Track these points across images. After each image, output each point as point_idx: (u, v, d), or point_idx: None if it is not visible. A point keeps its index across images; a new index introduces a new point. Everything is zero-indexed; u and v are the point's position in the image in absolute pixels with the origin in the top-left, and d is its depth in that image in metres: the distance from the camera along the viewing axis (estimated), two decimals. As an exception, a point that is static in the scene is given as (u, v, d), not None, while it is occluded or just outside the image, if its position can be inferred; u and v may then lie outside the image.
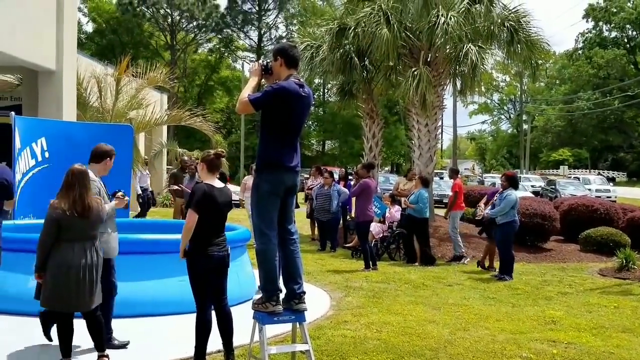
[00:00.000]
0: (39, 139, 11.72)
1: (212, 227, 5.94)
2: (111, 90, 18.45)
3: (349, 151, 55.20)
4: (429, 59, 17.44)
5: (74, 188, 5.75)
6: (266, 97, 5.19)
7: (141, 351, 6.44)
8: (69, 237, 5.68)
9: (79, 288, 5.68)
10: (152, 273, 8.01)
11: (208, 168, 6.09)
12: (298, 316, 5.37)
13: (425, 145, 17.66)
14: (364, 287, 10.36)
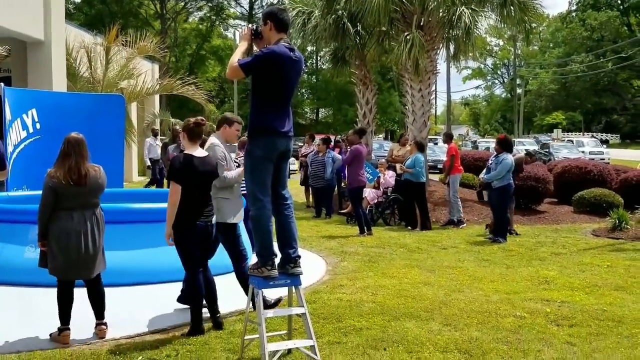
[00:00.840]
0: (30, 110, 11.66)
1: (195, 197, 5.95)
2: (101, 60, 18.33)
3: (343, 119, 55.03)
4: (422, 23, 17.33)
5: (70, 157, 5.75)
6: (256, 61, 5.15)
7: (138, 319, 6.48)
8: (67, 206, 5.70)
9: (80, 256, 5.73)
10: (145, 241, 8.02)
11: (189, 137, 6.09)
12: (294, 280, 5.40)
13: (419, 111, 17.62)
14: (360, 252, 10.42)
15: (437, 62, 18.63)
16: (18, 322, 6.31)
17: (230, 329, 6.16)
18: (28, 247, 8.03)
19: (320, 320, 6.41)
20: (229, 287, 7.80)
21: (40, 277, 7.61)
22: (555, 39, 79.24)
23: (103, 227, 5.97)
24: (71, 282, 5.88)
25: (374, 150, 23.53)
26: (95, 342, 5.81)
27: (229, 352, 5.52)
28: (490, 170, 12.17)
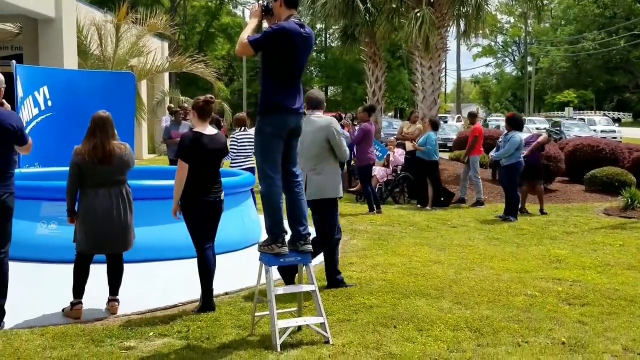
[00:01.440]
0: (41, 87, 11.68)
1: (204, 174, 5.97)
2: (111, 38, 18.30)
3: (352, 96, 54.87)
4: (432, 0, 17.17)
5: (96, 135, 5.81)
6: (265, 37, 5.12)
7: (150, 296, 6.52)
8: (93, 183, 5.79)
9: (106, 232, 5.80)
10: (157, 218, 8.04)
11: (198, 115, 6.11)
12: (304, 257, 5.41)
13: (428, 88, 17.52)
14: (369, 230, 10.43)
15: (447, 40, 18.47)
16: (30, 298, 6.36)
17: (241, 305, 6.19)
18: (40, 223, 8.09)
19: (330, 298, 6.43)
20: (239, 264, 7.85)
21: (52, 253, 7.74)
22: (566, 16, 78.39)
23: (131, 205, 6.02)
24: (90, 257, 5.94)
25: (383, 128, 23.46)
26: (107, 317, 5.86)
27: (240, 329, 5.55)
28: (500, 149, 12.13)
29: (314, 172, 6.65)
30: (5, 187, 5.50)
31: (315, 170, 6.66)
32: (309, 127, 6.50)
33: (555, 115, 56.61)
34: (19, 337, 5.21)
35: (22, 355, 4.84)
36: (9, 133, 5.48)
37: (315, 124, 6.65)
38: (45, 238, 7.99)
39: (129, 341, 5.20)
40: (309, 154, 6.64)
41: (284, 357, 4.89)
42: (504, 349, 5.13)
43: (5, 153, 5.54)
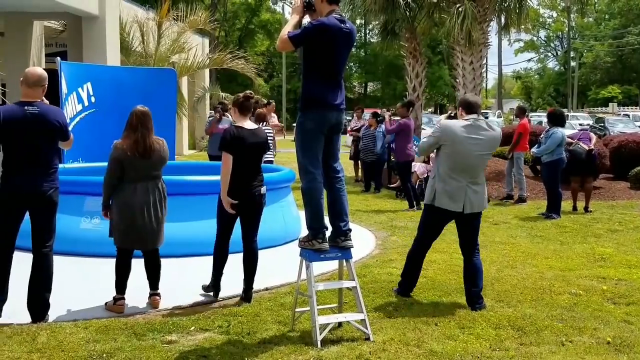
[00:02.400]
0: (85, 84, 11.85)
1: (244, 168, 6.05)
2: (153, 35, 18.49)
3: (392, 92, 54.62)
4: (474, -5, 16.97)
5: (137, 129, 5.87)
6: (305, 33, 5.12)
7: (191, 290, 6.55)
8: (131, 178, 5.85)
9: (142, 227, 5.87)
10: (198, 213, 8.09)
11: (239, 110, 6.24)
12: (344, 253, 5.39)
13: (470, 84, 17.33)
14: (409, 227, 10.35)
15: (489, 34, 18.24)
16: (74, 291, 6.44)
17: (281, 301, 6.20)
18: (83, 218, 8.21)
19: (370, 294, 6.40)
20: (280, 259, 7.86)
21: (95, 247, 7.84)
22: (611, 10, 76.80)
23: (166, 200, 6.09)
24: (130, 252, 6.01)
25: (424, 124, 23.28)
26: (149, 311, 5.92)
27: (280, 324, 5.56)
28: (541, 145, 11.94)
29: (473, 182, 6.18)
30: (50, 182, 5.59)
31: (476, 181, 6.22)
32: (480, 134, 6.14)
33: (599, 111, 55.55)
34: (63, 330, 5.29)
35: (66, 348, 4.91)
36: (54, 129, 5.58)
37: (488, 134, 6.20)
38: (88, 232, 8.10)
39: (171, 335, 5.25)
40: (482, 164, 6.29)
41: (325, 353, 4.87)
42: (548, 348, 5.05)
43: (50, 149, 5.63)
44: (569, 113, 43.11)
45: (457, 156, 6.06)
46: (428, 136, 6.49)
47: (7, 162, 5.51)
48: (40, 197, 5.53)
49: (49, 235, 5.65)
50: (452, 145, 6.07)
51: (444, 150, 6.14)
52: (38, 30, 14.62)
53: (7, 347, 4.89)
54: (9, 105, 5.67)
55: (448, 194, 6.11)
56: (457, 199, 6.10)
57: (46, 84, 5.69)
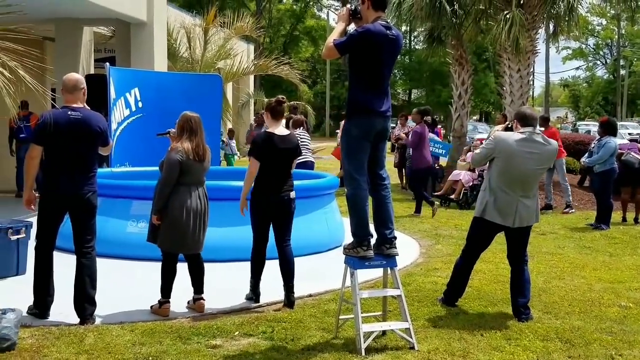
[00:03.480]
0: (133, 89, 12.03)
1: (273, 172, 6.10)
2: (200, 41, 18.68)
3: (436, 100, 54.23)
4: (522, 2, 16.78)
5: (197, 133, 5.95)
6: (351, 40, 5.12)
7: (235, 295, 6.57)
8: (186, 181, 5.90)
9: (195, 231, 5.92)
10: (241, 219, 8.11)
11: (271, 115, 6.26)
12: (389, 261, 5.35)
13: (517, 92, 17.12)
14: (454, 235, 10.24)
15: (537, 42, 17.99)
16: (120, 294, 6.52)
17: (325, 308, 6.17)
18: (130, 221, 8.31)
19: (415, 303, 6.33)
20: (324, 265, 7.84)
21: (141, 251, 7.90)
22: (663, 17, 75.12)
23: (208, 204, 6.13)
24: (176, 256, 6.05)
25: (469, 131, 23.07)
26: (193, 315, 5.95)
27: (324, 331, 5.53)
28: (592, 154, 11.69)
29: (524, 196, 6.04)
30: (90, 185, 5.70)
31: (528, 195, 6.08)
32: (536, 148, 6.00)
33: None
34: (109, 332, 5.35)
35: (113, 350, 4.97)
36: (95, 134, 5.70)
37: (544, 148, 6.04)
38: (135, 236, 8.18)
39: (215, 340, 5.27)
40: (536, 178, 6.14)
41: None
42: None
43: (91, 153, 5.75)
44: (619, 122, 42.22)
45: (511, 170, 5.95)
46: (481, 147, 6.38)
47: (50, 165, 5.63)
48: (80, 200, 5.64)
49: (90, 237, 5.75)
50: (506, 158, 5.95)
51: (497, 163, 6.02)
52: (87, 36, 14.85)
53: (55, 348, 4.96)
54: (54, 110, 5.79)
55: (498, 207, 6.01)
56: (507, 213, 5.99)
57: (85, 88, 5.80)
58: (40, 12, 12.03)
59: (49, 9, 12.43)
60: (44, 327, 5.46)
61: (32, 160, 5.60)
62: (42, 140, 5.57)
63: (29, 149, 5.66)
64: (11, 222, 7.50)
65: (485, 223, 6.12)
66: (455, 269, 6.46)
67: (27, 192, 5.71)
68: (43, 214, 5.69)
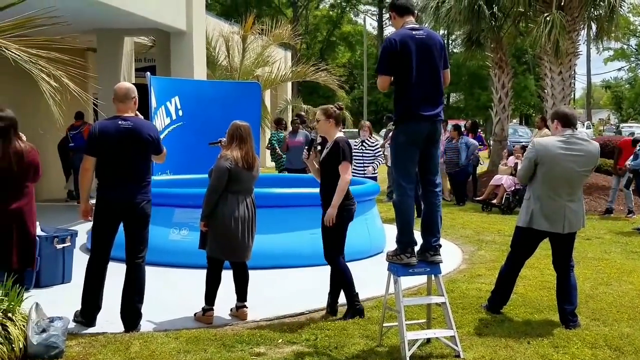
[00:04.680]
0: (173, 97, 12.13)
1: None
2: (238, 49, 18.78)
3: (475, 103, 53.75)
4: (562, 3, 16.52)
5: (247, 141, 5.99)
6: (380, 60, 5.20)
7: (278, 303, 6.58)
8: (234, 189, 5.92)
9: (243, 238, 5.93)
10: (285, 226, 8.14)
11: (336, 123, 6.14)
12: (433, 268, 5.30)
13: (558, 95, 16.87)
14: (497, 241, 10.11)
15: (578, 44, 17.70)
16: (163, 301, 6.55)
17: (368, 315, 6.13)
18: (172, 229, 8.37)
19: (459, 310, 6.25)
20: (365, 272, 7.80)
21: (183, 258, 7.98)
22: None
23: (256, 212, 6.14)
24: (222, 263, 6.06)
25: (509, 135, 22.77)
26: (237, 323, 5.96)
27: (367, 339, 5.49)
28: (638, 157, 11.45)
29: (571, 201, 5.92)
30: (143, 194, 5.72)
31: (574, 199, 5.95)
32: (578, 150, 5.87)
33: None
34: (154, 339, 5.39)
35: (159, 357, 5.00)
36: (147, 143, 5.72)
37: (586, 149, 5.91)
38: (177, 243, 8.26)
39: (259, 347, 5.27)
40: (581, 181, 6.01)
41: (414, 370, 4.78)
42: (650, 372, 4.80)
43: (143, 162, 5.78)
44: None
45: (555, 175, 5.82)
46: (523, 159, 6.27)
47: (103, 175, 5.68)
48: (134, 209, 5.66)
49: (142, 247, 5.78)
50: (549, 164, 5.83)
51: (541, 170, 5.88)
52: (128, 46, 15.07)
53: (101, 356, 5.01)
54: (103, 121, 5.84)
55: (545, 215, 5.89)
56: (556, 219, 5.87)
57: (136, 97, 5.83)
58: (83, 23, 12.24)
59: (91, 20, 12.64)
60: (90, 335, 5.52)
61: (86, 171, 5.68)
62: (93, 151, 5.64)
63: (83, 160, 5.73)
64: (57, 230, 7.61)
65: (532, 231, 6.01)
66: (500, 275, 6.37)
67: (84, 204, 5.79)
68: (98, 224, 5.75)
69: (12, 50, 4.69)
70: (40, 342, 4.88)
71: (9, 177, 5.54)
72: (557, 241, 6.06)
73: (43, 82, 4.76)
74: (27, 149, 5.69)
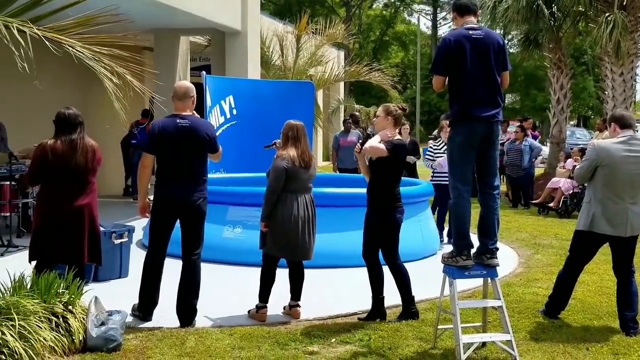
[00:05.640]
0: (228, 96, 12.24)
1: (397, 181, 6.00)
2: (292, 48, 18.86)
3: (531, 104, 52.88)
4: (625, 3, 16.10)
5: (301, 141, 6.00)
6: (435, 60, 5.17)
7: (331, 302, 6.57)
8: (292, 188, 5.93)
9: (303, 238, 5.94)
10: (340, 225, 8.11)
11: (395, 122, 6.05)
12: (490, 271, 5.21)
13: (619, 96, 16.46)
14: (554, 245, 9.92)
15: (640, 44, 17.25)
16: (216, 298, 6.59)
17: (422, 317, 6.06)
18: (226, 227, 8.44)
19: (515, 315, 6.14)
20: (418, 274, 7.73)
21: (236, 256, 8.04)
22: None
23: (315, 211, 6.15)
24: (277, 261, 6.08)
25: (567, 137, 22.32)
26: (290, 321, 5.97)
27: (421, 341, 5.44)
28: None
29: (633, 203, 5.77)
30: (200, 192, 5.79)
31: (636, 201, 5.79)
32: (638, 150, 5.75)
33: None
34: (209, 335, 5.44)
35: (214, 353, 5.04)
36: (204, 141, 5.79)
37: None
38: (230, 241, 8.33)
39: (312, 346, 5.26)
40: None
41: (469, 373, 4.71)
42: None
43: (200, 160, 5.84)
44: None
45: (617, 177, 5.68)
46: (583, 160, 6.13)
47: (161, 173, 5.77)
48: (190, 207, 5.73)
49: (197, 243, 5.84)
50: (609, 166, 5.69)
51: (601, 172, 5.74)
52: (184, 45, 15.26)
53: (158, 350, 5.08)
54: (162, 119, 5.92)
55: (607, 218, 5.74)
56: (618, 223, 5.72)
57: (194, 96, 5.90)
58: (143, 22, 12.44)
59: (149, 20, 12.84)
60: (147, 329, 5.60)
61: (145, 169, 5.77)
62: (152, 149, 5.73)
63: (142, 158, 5.83)
64: (114, 226, 7.75)
65: (593, 236, 5.86)
66: (558, 280, 6.24)
67: (141, 200, 5.90)
68: (155, 221, 5.85)
69: (77, 48, 4.78)
70: (99, 335, 4.98)
71: (82, 172, 5.66)
72: (618, 245, 5.90)
73: (106, 79, 4.83)
74: (97, 146, 5.82)
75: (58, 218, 5.66)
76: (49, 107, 5.92)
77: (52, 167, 5.61)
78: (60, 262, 5.64)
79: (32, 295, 4.88)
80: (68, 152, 5.62)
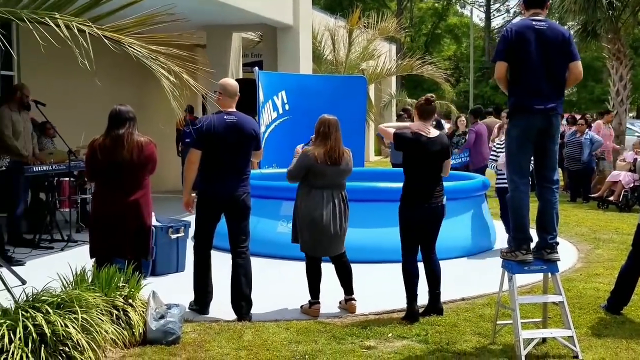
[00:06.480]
0: (280, 92, 12.26)
1: (423, 176, 5.80)
2: (344, 43, 18.82)
3: (588, 96, 51.73)
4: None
5: (330, 137, 5.92)
6: (498, 45, 5.08)
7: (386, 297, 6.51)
8: (319, 185, 5.90)
9: (332, 234, 5.89)
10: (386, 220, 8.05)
11: (419, 114, 5.92)
12: (550, 266, 5.11)
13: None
14: (615, 240, 9.67)
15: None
16: (272, 292, 6.64)
17: (480, 312, 5.99)
18: (280, 222, 8.47)
19: (576, 310, 6.01)
20: (475, 269, 7.66)
21: (290, 250, 8.02)
22: None
23: (348, 209, 6.08)
24: (318, 258, 6.06)
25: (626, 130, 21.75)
26: (345, 316, 5.95)
27: (480, 336, 5.36)
28: None
29: None
30: (244, 187, 5.86)
31: None
32: None
33: None
34: (266, 329, 5.47)
35: (271, 347, 5.06)
36: (250, 137, 5.86)
37: None
38: (284, 236, 8.30)
39: (369, 341, 5.24)
40: None
41: (530, 370, 4.63)
42: None
43: (245, 156, 5.92)
44: None
45: None
46: None
47: (207, 168, 5.83)
48: (235, 202, 5.80)
49: (244, 237, 5.91)
50: None
51: None
52: (236, 41, 15.37)
53: (216, 343, 5.13)
54: (211, 115, 5.98)
55: None
56: None
57: (239, 94, 5.96)
58: (196, 20, 12.58)
59: (202, 18, 12.97)
60: (204, 322, 5.66)
61: (192, 164, 5.83)
62: (200, 145, 5.79)
63: (189, 153, 5.91)
64: (171, 221, 7.86)
65: None
66: (620, 275, 6.08)
67: (186, 195, 6.00)
68: (200, 215, 5.93)
69: (135, 47, 4.85)
70: (159, 328, 5.05)
71: (129, 169, 5.73)
72: None
73: (163, 77, 4.89)
74: (147, 142, 5.86)
75: (106, 213, 5.74)
76: (109, 105, 6.02)
77: (101, 162, 5.68)
78: (115, 257, 5.71)
79: (94, 289, 4.98)
80: (114, 147, 5.67)
